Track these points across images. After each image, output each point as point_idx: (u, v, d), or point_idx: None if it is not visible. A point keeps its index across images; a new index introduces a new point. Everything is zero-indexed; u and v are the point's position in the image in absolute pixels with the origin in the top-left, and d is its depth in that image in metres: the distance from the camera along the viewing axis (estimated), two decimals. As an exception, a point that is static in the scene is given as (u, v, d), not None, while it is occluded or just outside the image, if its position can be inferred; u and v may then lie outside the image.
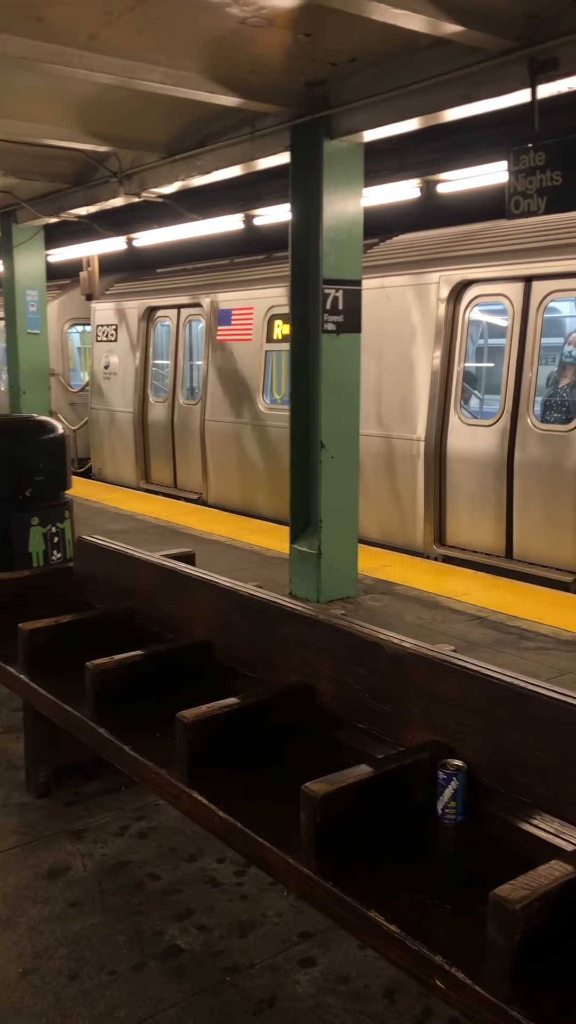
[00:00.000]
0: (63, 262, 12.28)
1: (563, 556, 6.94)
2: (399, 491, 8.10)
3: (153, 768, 2.70)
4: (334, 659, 2.88)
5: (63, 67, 5.06)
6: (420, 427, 7.91)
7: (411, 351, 7.98)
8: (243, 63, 5.35)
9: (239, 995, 2.54)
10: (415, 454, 7.97)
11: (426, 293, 7.89)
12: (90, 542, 4.26)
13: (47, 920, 2.87)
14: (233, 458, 10.28)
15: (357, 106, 5.62)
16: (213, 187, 8.05)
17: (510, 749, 2.34)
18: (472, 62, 4.86)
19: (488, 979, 1.77)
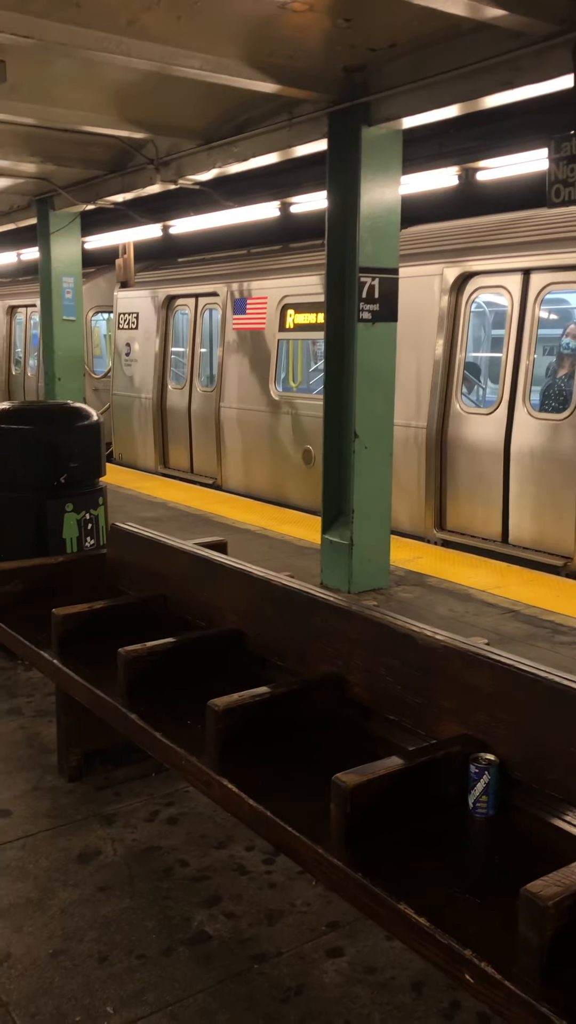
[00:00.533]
0: (88, 250, 12.37)
1: (555, 541, 7.13)
2: (401, 476, 8.15)
3: (184, 755, 2.71)
4: (366, 650, 2.87)
5: (101, 53, 5.05)
6: (422, 414, 8.02)
7: (415, 340, 8.04)
8: (282, 49, 5.31)
9: (266, 983, 2.55)
10: (417, 441, 8.10)
11: (429, 284, 8.01)
12: (123, 529, 4.28)
13: (77, 903, 2.90)
14: (246, 444, 10.48)
15: (396, 92, 5.56)
16: (248, 175, 8.02)
17: (543, 744, 2.31)
18: (514, 47, 4.78)
19: (519, 975, 1.76)
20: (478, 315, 8.93)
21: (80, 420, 5.06)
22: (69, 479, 4.93)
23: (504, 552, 7.40)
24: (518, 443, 7.41)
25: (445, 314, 7.93)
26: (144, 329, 12.32)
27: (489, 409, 7.76)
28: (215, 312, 11.12)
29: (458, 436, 7.91)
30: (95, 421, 5.13)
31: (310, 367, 10.78)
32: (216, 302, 11.00)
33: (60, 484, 4.92)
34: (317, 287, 9.27)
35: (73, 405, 5.28)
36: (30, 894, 2.94)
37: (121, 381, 12.85)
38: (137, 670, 3.11)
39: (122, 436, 12.94)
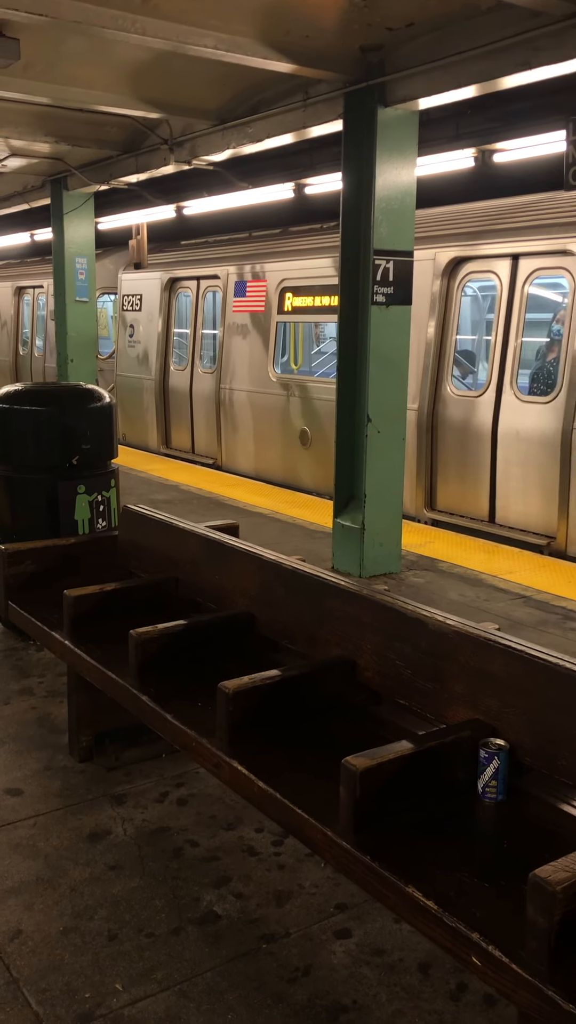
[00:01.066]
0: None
1: (539, 521, 7.30)
2: None
3: (194, 737, 2.72)
4: (377, 634, 2.87)
5: (116, 32, 5.01)
6: (414, 397, 8.09)
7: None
8: (298, 28, 5.26)
9: (275, 962, 2.57)
10: (409, 423, 8.09)
11: (422, 269, 8.02)
12: (135, 511, 4.29)
13: (87, 882, 2.92)
14: (245, 425, 10.62)
15: (413, 73, 5.50)
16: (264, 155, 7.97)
17: (553, 730, 2.31)
18: (533, 27, 4.72)
19: (526, 958, 1.77)
20: (469, 299, 9.09)
21: (93, 402, 5.05)
22: (81, 461, 4.94)
23: (491, 532, 7.59)
24: (505, 426, 7.57)
25: (437, 298, 8.04)
26: (147, 311, 12.47)
27: (478, 392, 7.90)
28: (217, 295, 11.23)
29: (448, 418, 8.07)
30: (108, 403, 5.12)
31: (311, 350, 10.84)
32: (217, 284, 11.11)
33: (72, 466, 4.92)
34: (315, 270, 9.42)
35: (86, 387, 5.28)
36: (41, 872, 2.96)
37: (125, 362, 13.02)
38: (148, 652, 3.12)
39: (126, 416, 13.07)
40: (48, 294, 15.07)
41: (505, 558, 6.73)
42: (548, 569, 6.46)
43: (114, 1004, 2.41)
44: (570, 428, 6.93)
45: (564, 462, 7.01)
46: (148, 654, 3.12)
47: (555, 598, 5.80)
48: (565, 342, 7.14)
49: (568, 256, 7.11)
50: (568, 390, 6.99)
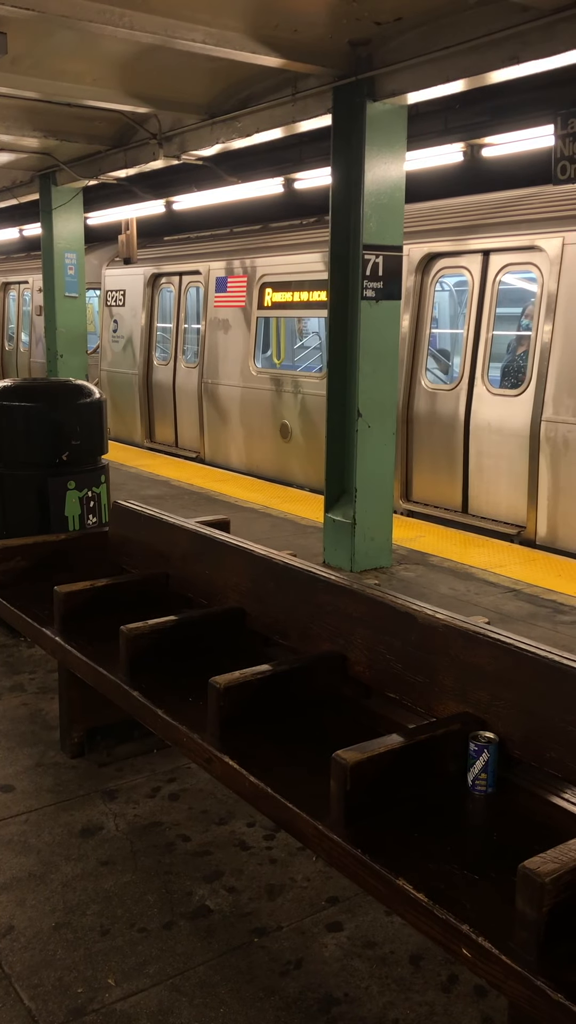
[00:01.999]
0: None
1: (509, 511, 7.46)
2: None
3: (185, 732, 2.73)
4: (367, 629, 2.88)
5: (104, 26, 4.99)
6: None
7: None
8: (287, 22, 5.25)
9: (267, 956, 2.58)
10: None
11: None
12: (125, 507, 4.29)
13: (80, 877, 2.93)
14: (226, 418, 10.74)
15: (402, 67, 5.50)
16: (253, 150, 7.96)
17: (542, 722, 2.32)
18: (521, 21, 4.72)
19: (515, 950, 1.78)
20: (443, 294, 9.24)
21: (82, 398, 5.05)
22: (71, 457, 4.93)
23: (464, 522, 7.74)
24: (477, 418, 7.72)
25: (411, 293, 8.12)
26: (131, 306, 12.59)
27: (451, 385, 8.05)
28: (199, 290, 11.33)
29: (423, 411, 8.19)
30: (97, 399, 5.12)
31: (293, 344, 10.92)
32: (199, 280, 11.22)
33: (62, 462, 4.92)
34: (294, 266, 9.48)
35: (75, 382, 5.26)
36: (33, 868, 2.97)
37: (109, 357, 13.13)
38: (139, 647, 3.12)
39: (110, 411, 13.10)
40: (34, 289, 15.07)
41: (495, 552, 6.75)
42: (538, 563, 6.48)
43: (106, 999, 2.42)
44: (539, 420, 7.05)
45: (533, 453, 7.13)
46: (139, 650, 3.12)
47: (545, 591, 5.82)
48: (534, 336, 7.22)
49: (537, 252, 7.20)
50: (537, 383, 7.09)
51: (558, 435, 6.95)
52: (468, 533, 7.38)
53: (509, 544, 7.07)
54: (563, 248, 6.93)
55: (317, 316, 9.78)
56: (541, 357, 7.07)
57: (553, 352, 6.97)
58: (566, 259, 6.91)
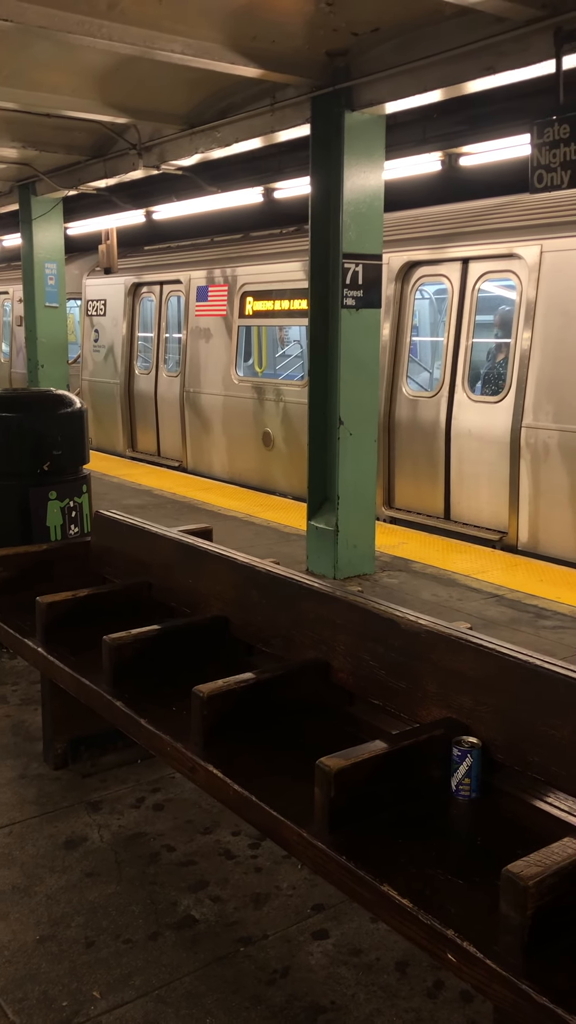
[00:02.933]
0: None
1: (491, 517, 7.52)
2: None
3: (169, 741, 2.72)
4: (350, 635, 2.89)
5: (83, 37, 5.01)
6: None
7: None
8: (264, 33, 5.28)
9: (252, 965, 2.58)
10: None
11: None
12: (107, 517, 4.28)
13: (64, 889, 2.91)
14: (208, 427, 10.79)
15: (379, 77, 5.54)
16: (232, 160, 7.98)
17: (525, 727, 2.33)
18: (496, 32, 4.77)
19: (500, 954, 1.78)
20: (423, 302, 9.35)
21: (63, 407, 5.04)
22: (53, 467, 4.92)
23: (446, 528, 7.81)
24: (458, 425, 7.79)
25: (392, 301, 8.18)
26: (112, 316, 12.62)
27: (432, 393, 8.12)
28: (180, 299, 11.36)
29: (404, 418, 8.26)
30: (79, 408, 5.10)
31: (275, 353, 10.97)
32: (180, 289, 11.27)
33: (44, 472, 4.90)
34: (275, 275, 9.54)
35: (56, 392, 5.25)
36: (16, 881, 2.95)
37: (90, 366, 13.15)
38: (122, 657, 3.12)
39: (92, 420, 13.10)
40: (14, 300, 15.03)
41: (477, 557, 6.78)
42: (520, 568, 6.52)
43: (92, 1012, 2.40)
44: (519, 426, 7.11)
45: (513, 459, 7.18)
46: (122, 659, 3.11)
47: (527, 596, 5.85)
48: (514, 343, 7.28)
49: (515, 259, 7.27)
50: (517, 390, 7.15)
51: (538, 441, 7.00)
52: (450, 539, 7.41)
53: (491, 550, 7.11)
54: (541, 256, 7.00)
55: (298, 324, 9.81)
56: (521, 364, 7.12)
57: (532, 359, 7.02)
58: (544, 267, 6.97)
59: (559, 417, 6.86)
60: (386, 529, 7.57)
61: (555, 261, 6.92)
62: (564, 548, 6.89)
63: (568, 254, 6.85)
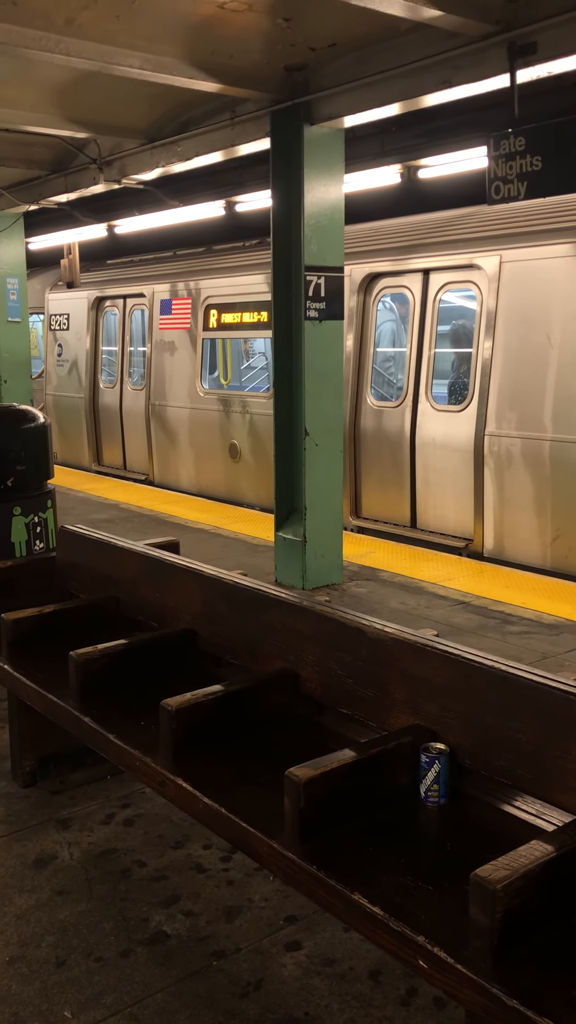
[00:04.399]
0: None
1: (457, 524, 7.60)
2: None
3: (138, 756, 2.71)
4: (318, 645, 2.90)
5: (40, 52, 5.00)
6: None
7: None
8: (222, 48, 5.31)
9: (226, 979, 2.56)
10: None
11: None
12: (73, 531, 4.25)
13: (34, 908, 2.88)
14: (175, 440, 10.81)
15: (337, 91, 5.59)
16: (194, 173, 8.01)
17: (492, 732, 2.36)
18: (451, 47, 4.85)
19: (470, 958, 1.80)
20: (385, 313, 9.42)
21: (27, 423, 5.01)
22: (16, 482, 4.89)
23: (413, 536, 7.86)
24: (422, 434, 7.86)
25: (354, 312, 8.25)
26: (75, 330, 12.61)
27: (396, 403, 8.17)
28: (144, 312, 11.37)
29: (369, 428, 8.31)
30: (42, 423, 5.08)
31: (240, 365, 11.01)
32: (143, 303, 11.28)
33: (7, 488, 4.87)
34: (238, 288, 9.59)
35: (19, 407, 5.23)
36: (-15, 902, 2.91)
37: (54, 381, 13.12)
38: (89, 673, 3.10)
39: (57, 435, 13.04)
40: None
41: (444, 565, 6.83)
42: (486, 575, 6.57)
43: (64, 1031, 2.38)
44: (482, 435, 7.19)
45: (477, 467, 7.26)
46: (89, 675, 3.10)
47: (493, 603, 5.90)
48: (475, 352, 7.37)
49: (475, 270, 7.36)
50: (479, 399, 7.23)
51: (501, 449, 7.08)
52: (417, 548, 7.46)
53: (458, 557, 7.16)
54: (500, 266, 7.09)
55: (262, 337, 9.85)
56: (483, 373, 7.20)
57: (494, 368, 7.10)
58: (504, 277, 7.06)
59: (521, 425, 6.94)
60: (353, 539, 7.59)
61: (514, 271, 7.01)
62: (528, 554, 6.97)
63: (527, 264, 6.95)
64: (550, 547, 6.84)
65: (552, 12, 4.42)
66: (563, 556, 6.77)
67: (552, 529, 6.82)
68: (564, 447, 6.68)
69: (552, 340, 6.72)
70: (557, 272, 6.72)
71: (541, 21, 4.47)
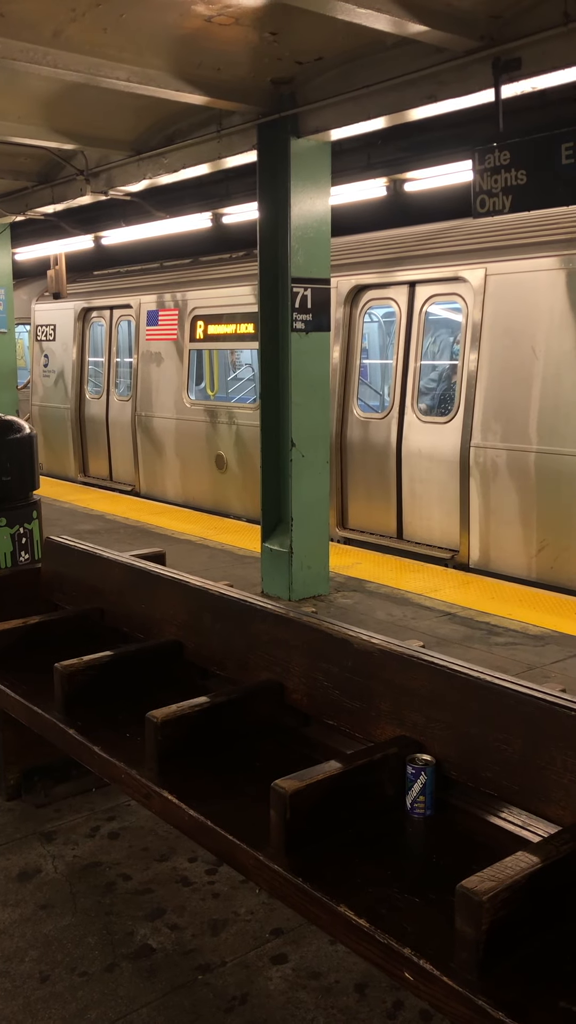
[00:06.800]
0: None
1: (443, 535, 7.62)
2: None
3: (123, 768, 2.70)
4: (304, 656, 2.89)
5: (27, 64, 5.01)
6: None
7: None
8: (209, 61, 5.34)
9: (211, 993, 2.55)
10: None
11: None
12: (58, 543, 4.24)
13: (17, 923, 2.85)
14: (161, 451, 10.81)
15: (324, 105, 5.63)
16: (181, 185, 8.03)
17: (478, 743, 2.36)
18: (437, 62, 4.89)
19: (456, 970, 1.79)
20: (371, 325, 9.49)
21: (12, 433, 4.99)
22: (2, 493, 4.87)
23: (399, 548, 7.86)
24: (408, 445, 7.88)
25: (341, 324, 8.28)
26: (61, 340, 12.60)
27: (382, 414, 8.18)
28: (130, 323, 11.38)
29: (356, 439, 8.34)
30: (28, 434, 5.07)
31: (227, 376, 11.03)
32: (130, 314, 11.29)
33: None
34: (225, 299, 9.61)
35: (5, 418, 5.21)
36: (-32, 916, 2.88)
37: (40, 391, 13.12)
38: (74, 684, 3.08)
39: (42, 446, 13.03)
40: None
41: (430, 576, 6.84)
42: (472, 586, 6.59)
43: (47, 1047, 2.36)
44: (467, 446, 7.22)
45: (463, 479, 7.29)
46: (74, 687, 3.08)
47: (479, 614, 5.91)
48: (461, 364, 7.41)
49: (461, 283, 7.40)
50: (465, 410, 7.27)
51: (487, 460, 7.11)
52: (404, 559, 7.47)
53: (444, 568, 7.18)
54: (486, 279, 7.14)
55: (249, 348, 9.86)
56: (468, 385, 7.23)
57: (479, 379, 7.14)
58: (489, 289, 7.11)
59: (507, 436, 6.98)
60: (340, 550, 7.60)
61: (499, 284, 7.06)
62: (514, 565, 6.99)
63: (512, 277, 7.00)
64: (535, 558, 6.87)
65: (536, 28, 4.46)
66: (548, 567, 6.79)
67: (537, 540, 6.85)
68: (549, 459, 6.72)
69: (537, 352, 6.76)
70: (542, 285, 6.77)
71: (525, 37, 4.52)
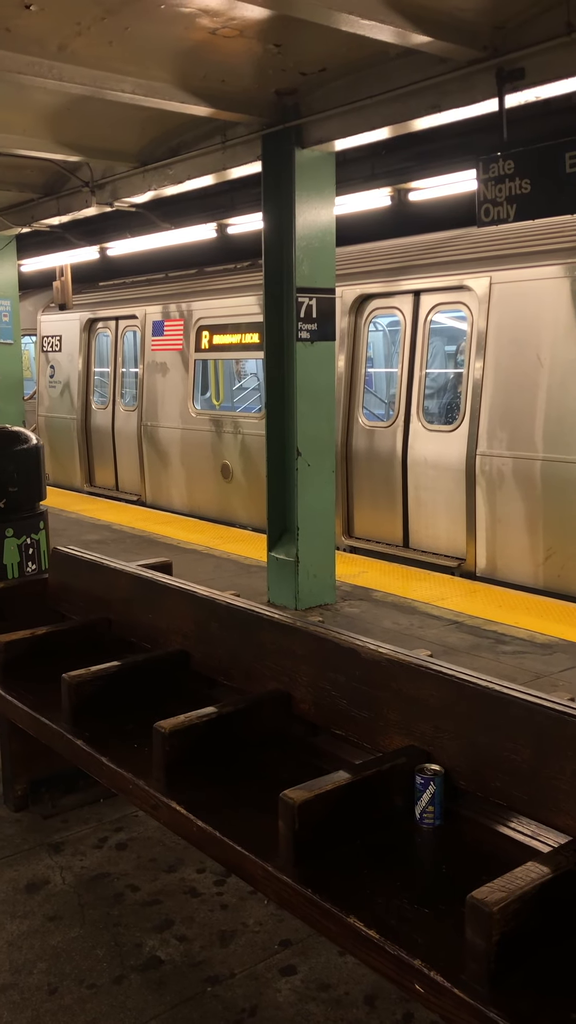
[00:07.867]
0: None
1: (449, 544, 7.62)
2: None
3: (131, 779, 2.69)
4: (311, 666, 2.89)
5: (33, 77, 5.05)
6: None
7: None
8: (214, 73, 5.36)
9: (220, 1005, 2.54)
10: None
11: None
12: (65, 553, 4.24)
13: (25, 935, 2.85)
14: (167, 460, 10.84)
15: (328, 115, 5.65)
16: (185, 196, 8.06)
17: (487, 753, 2.35)
18: (440, 72, 4.90)
19: (467, 982, 1.78)
20: (376, 334, 9.50)
21: (19, 444, 5.00)
22: (9, 504, 4.87)
23: (405, 556, 7.87)
24: (414, 454, 7.89)
25: (346, 333, 8.30)
26: (67, 351, 12.67)
27: (388, 423, 8.21)
28: (136, 334, 11.42)
29: (361, 448, 8.35)
30: (35, 445, 5.08)
31: (232, 386, 11.06)
32: (135, 324, 11.34)
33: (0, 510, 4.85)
34: (230, 309, 9.65)
35: (12, 429, 5.22)
36: (-23, 928, 2.88)
37: (46, 402, 13.17)
38: (82, 695, 3.08)
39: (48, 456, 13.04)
40: None
41: (437, 585, 6.83)
42: (479, 594, 6.57)
43: (56, 1060, 2.35)
44: (473, 454, 7.22)
45: (469, 487, 7.28)
46: (82, 697, 3.08)
47: (487, 623, 5.90)
48: (466, 372, 7.41)
49: (465, 291, 7.41)
50: (470, 418, 7.26)
51: (493, 468, 7.10)
52: (410, 567, 7.46)
53: (450, 577, 7.17)
54: (491, 287, 7.15)
55: (254, 357, 9.89)
56: (473, 393, 7.23)
57: (485, 388, 7.14)
58: (494, 298, 7.12)
59: (512, 444, 6.97)
60: (346, 559, 7.59)
61: (504, 292, 7.07)
62: (521, 573, 6.97)
63: (516, 285, 7.01)
64: (542, 566, 6.85)
65: (539, 39, 4.48)
66: (555, 575, 6.78)
67: (544, 548, 6.83)
68: (555, 466, 6.71)
69: (542, 360, 6.76)
70: (546, 293, 6.78)
71: (528, 47, 4.53)
